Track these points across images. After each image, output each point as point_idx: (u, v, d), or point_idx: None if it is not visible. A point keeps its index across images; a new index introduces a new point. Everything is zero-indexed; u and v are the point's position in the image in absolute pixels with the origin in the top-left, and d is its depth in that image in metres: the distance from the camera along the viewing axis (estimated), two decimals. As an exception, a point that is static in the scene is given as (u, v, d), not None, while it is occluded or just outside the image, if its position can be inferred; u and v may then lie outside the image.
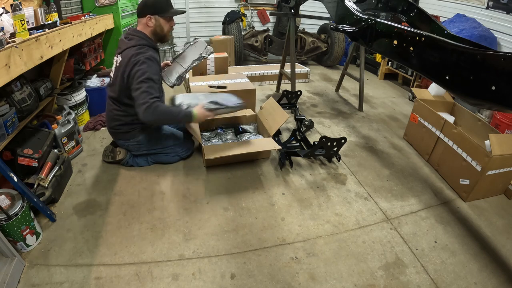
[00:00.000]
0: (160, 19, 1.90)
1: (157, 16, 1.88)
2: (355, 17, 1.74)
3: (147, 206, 1.80)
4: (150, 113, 1.73)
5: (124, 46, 1.89)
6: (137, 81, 1.77)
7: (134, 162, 2.14)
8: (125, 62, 1.82)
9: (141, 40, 1.88)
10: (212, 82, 2.75)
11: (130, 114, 1.97)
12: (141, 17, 1.90)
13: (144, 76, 1.77)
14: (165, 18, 1.92)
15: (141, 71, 1.77)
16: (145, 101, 1.73)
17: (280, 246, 1.57)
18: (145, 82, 1.76)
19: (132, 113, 1.97)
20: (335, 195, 1.96)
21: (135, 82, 1.77)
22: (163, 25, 1.93)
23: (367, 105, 3.39)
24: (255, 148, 2.12)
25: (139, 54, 1.81)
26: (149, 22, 1.89)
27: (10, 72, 1.43)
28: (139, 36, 1.89)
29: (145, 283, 1.35)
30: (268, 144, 2.14)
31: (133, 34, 1.91)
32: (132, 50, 1.83)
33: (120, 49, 1.92)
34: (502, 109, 1.21)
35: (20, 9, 1.60)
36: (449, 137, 2.08)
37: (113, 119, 2.01)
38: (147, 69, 1.78)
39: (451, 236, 1.67)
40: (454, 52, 1.08)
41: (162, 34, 1.96)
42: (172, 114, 1.83)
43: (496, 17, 3.13)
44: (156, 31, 1.93)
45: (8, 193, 1.46)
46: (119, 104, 1.96)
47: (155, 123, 1.99)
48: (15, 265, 1.32)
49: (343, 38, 4.52)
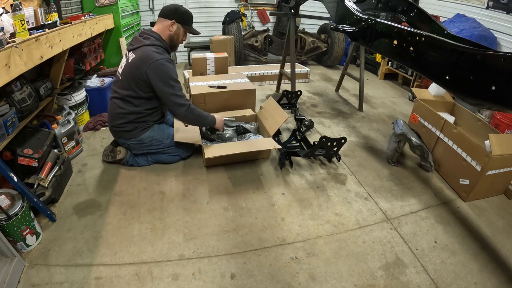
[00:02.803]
0: (181, 29, 2.00)
1: (180, 25, 1.97)
2: (355, 17, 1.74)
3: (147, 206, 1.80)
4: (189, 112, 1.95)
5: (138, 44, 1.91)
6: (167, 83, 1.87)
7: (134, 161, 2.14)
8: (142, 60, 1.85)
9: (157, 41, 1.92)
10: (212, 82, 2.74)
11: (134, 112, 1.98)
12: (166, 18, 1.94)
13: (171, 79, 1.88)
14: (185, 30, 2.02)
15: (166, 74, 1.86)
16: (183, 102, 1.93)
17: (280, 246, 1.57)
18: (174, 86, 1.90)
19: (136, 111, 1.99)
20: (335, 195, 1.96)
21: (164, 84, 1.87)
22: (180, 35, 2.02)
23: (367, 105, 3.39)
24: (255, 147, 2.12)
25: (159, 54, 1.87)
26: (171, 27, 1.95)
27: (10, 72, 1.43)
28: (155, 37, 1.93)
29: (145, 283, 1.35)
30: (268, 144, 2.14)
31: (149, 34, 1.94)
32: (149, 49, 1.87)
33: (132, 46, 1.95)
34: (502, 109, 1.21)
35: (20, 9, 1.60)
36: (449, 137, 2.08)
37: (117, 118, 2.01)
38: (171, 72, 1.89)
39: (451, 236, 1.67)
40: (454, 52, 1.08)
41: (176, 43, 2.04)
42: (204, 117, 2.08)
43: (496, 17, 3.13)
44: (173, 38, 2.00)
45: (8, 193, 1.46)
46: (125, 102, 1.97)
47: (192, 122, 2.14)
48: (15, 265, 1.32)
49: (343, 38, 4.52)
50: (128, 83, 1.92)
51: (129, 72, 1.91)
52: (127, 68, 1.92)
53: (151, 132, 2.08)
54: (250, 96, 2.66)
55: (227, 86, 2.65)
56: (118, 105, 1.99)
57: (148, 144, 2.09)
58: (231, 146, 2.12)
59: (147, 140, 2.08)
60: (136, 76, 1.88)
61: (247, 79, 2.85)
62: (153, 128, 2.09)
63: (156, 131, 2.10)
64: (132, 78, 1.90)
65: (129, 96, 1.95)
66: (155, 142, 2.10)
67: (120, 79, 1.98)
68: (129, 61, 1.92)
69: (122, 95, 1.96)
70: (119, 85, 1.98)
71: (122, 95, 1.96)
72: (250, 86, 2.70)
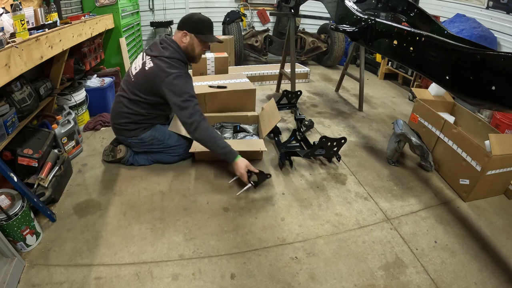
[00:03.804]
0: (195, 39, 1.88)
1: (193, 35, 1.86)
2: (355, 17, 1.74)
3: (147, 206, 1.80)
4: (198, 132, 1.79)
5: (157, 53, 1.85)
6: (182, 98, 1.78)
7: (135, 160, 2.14)
8: (157, 73, 1.81)
9: (176, 53, 1.86)
10: (212, 82, 2.75)
11: (140, 114, 1.98)
12: (179, 29, 1.88)
13: (188, 94, 1.79)
14: (200, 40, 1.89)
15: (182, 88, 1.79)
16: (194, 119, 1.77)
17: (280, 246, 1.57)
18: (191, 101, 1.79)
19: (142, 113, 1.98)
20: (335, 195, 1.96)
21: (176, 98, 1.78)
22: (196, 46, 1.90)
23: (367, 105, 3.39)
24: (243, 147, 2.12)
25: (176, 69, 1.81)
26: (183, 39, 1.87)
27: (10, 72, 1.43)
28: (175, 48, 1.86)
29: (145, 283, 1.35)
30: (255, 145, 2.15)
31: (169, 44, 1.87)
32: (167, 61, 1.82)
33: (151, 51, 1.88)
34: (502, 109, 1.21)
35: (20, 9, 1.60)
36: (449, 137, 2.08)
37: (121, 116, 2.00)
38: (187, 86, 1.82)
39: (451, 236, 1.67)
40: (454, 52, 1.08)
41: (192, 55, 1.94)
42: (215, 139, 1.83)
43: (496, 17, 3.13)
44: (188, 49, 1.90)
45: (8, 193, 1.46)
46: (132, 103, 1.95)
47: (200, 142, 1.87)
48: (15, 265, 1.32)
49: (343, 38, 4.52)
50: (140, 89, 1.90)
51: (144, 80, 1.87)
52: (142, 74, 1.88)
53: (153, 131, 2.08)
54: (250, 96, 2.66)
55: (227, 86, 2.65)
56: (124, 104, 1.97)
57: (149, 143, 2.09)
58: None
59: (148, 139, 2.07)
60: (151, 87, 1.86)
61: (247, 79, 2.85)
62: (155, 128, 2.09)
63: (158, 131, 2.10)
64: (145, 87, 1.88)
65: (138, 100, 1.93)
66: (156, 142, 2.09)
67: (132, 80, 1.94)
68: (146, 69, 1.85)
69: (130, 96, 1.94)
70: (129, 85, 1.95)
71: (131, 97, 1.94)
72: (250, 86, 2.70)
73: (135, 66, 1.97)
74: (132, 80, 1.94)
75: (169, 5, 4.79)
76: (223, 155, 1.87)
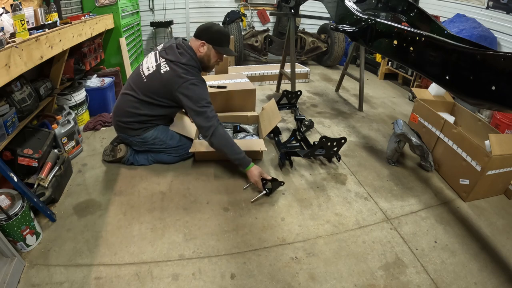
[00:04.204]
0: (212, 50, 1.91)
1: (211, 46, 1.89)
2: (355, 17, 1.74)
3: (147, 206, 1.80)
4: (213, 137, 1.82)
5: (173, 57, 1.85)
6: (200, 104, 1.81)
7: (135, 160, 2.14)
8: (174, 79, 1.81)
9: (192, 61, 1.87)
10: (212, 82, 2.75)
11: (146, 115, 1.98)
12: (197, 38, 1.89)
13: (205, 100, 1.83)
14: (217, 51, 1.93)
15: (199, 95, 1.82)
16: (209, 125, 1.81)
17: (280, 246, 1.57)
18: (204, 106, 1.82)
19: (149, 114, 1.98)
20: (335, 195, 1.96)
21: (193, 104, 1.81)
22: (212, 57, 1.94)
23: (367, 105, 3.39)
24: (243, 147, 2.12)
25: (193, 75, 1.84)
26: (201, 48, 1.89)
27: (10, 72, 1.43)
28: (191, 56, 1.88)
29: (145, 283, 1.35)
30: (255, 145, 2.15)
31: (186, 50, 1.88)
32: (183, 68, 1.83)
33: (167, 55, 1.87)
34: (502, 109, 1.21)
35: (20, 9, 1.60)
36: (449, 137, 2.08)
37: (126, 115, 1.98)
38: (204, 93, 1.84)
39: (451, 236, 1.67)
40: (454, 52, 1.08)
41: (207, 64, 1.97)
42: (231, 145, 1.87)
43: (496, 17, 3.13)
44: (203, 59, 1.93)
45: (8, 193, 1.46)
46: (141, 103, 1.94)
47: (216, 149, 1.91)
48: (15, 265, 1.32)
49: (343, 38, 4.52)
50: (154, 91, 1.89)
51: (158, 84, 1.87)
52: (157, 78, 1.86)
53: (155, 131, 2.08)
54: (250, 96, 2.66)
55: (227, 86, 2.65)
56: (133, 104, 1.95)
57: (151, 142, 2.08)
58: None
59: (151, 139, 2.07)
60: (167, 91, 1.86)
61: (247, 79, 2.86)
62: (157, 128, 2.09)
63: (160, 131, 2.10)
64: (159, 89, 1.87)
65: (149, 101, 1.93)
66: (158, 142, 2.09)
67: (145, 81, 1.91)
68: (161, 72, 1.84)
69: (141, 97, 1.92)
70: (140, 86, 1.92)
71: (141, 97, 1.92)
72: (250, 86, 2.70)
73: (147, 67, 1.94)
74: (144, 81, 1.92)
75: (169, 5, 4.79)
76: (238, 161, 1.90)
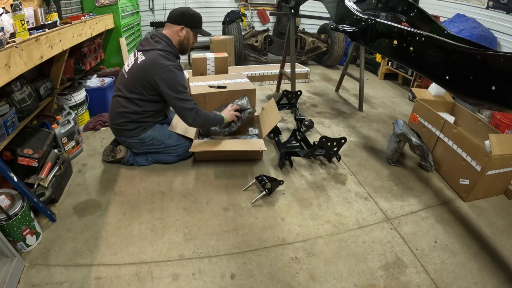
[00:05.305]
0: (191, 33, 2.00)
1: (189, 29, 1.98)
2: (355, 17, 1.74)
3: (147, 206, 1.80)
4: (197, 119, 1.95)
5: (149, 46, 1.91)
6: (175, 89, 1.87)
7: (135, 160, 2.15)
8: (151, 64, 1.85)
9: (168, 47, 1.93)
10: (212, 82, 2.74)
11: (137, 112, 1.98)
12: (174, 24, 1.94)
13: (180, 85, 1.88)
14: (195, 34, 2.03)
15: (175, 81, 1.87)
16: (190, 107, 1.92)
17: (280, 246, 1.57)
18: (184, 92, 1.90)
19: (139, 111, 1.99)
20: (335, 195, 1.96)
21: (171, 90, 1.87)
22: (190, 39, 2.02)
23: (367, 105, 3.39)
24: (242, 147, 2.12)
25: (169, 61, 1.88)
26: (180, 32, 1.96)
27: (10, 72, 1.43)
28: (167, 42, 1.94)
29: (145, 283, 1.35)
30: (255, 145, 2.15)
31: (161, 37, 1.93)
32: (159, 54, 1.87)
33: (143, 47, 1.94)
34: (502, 109, 1.21)
35: (20, 9, 1.60)
36: (449, 137, 2.08)
37: (119, 116, 2.00)
38: (180, 79, 1.90)
39: (451, 236, 1.67)
40: (454, 52, 1.08)
41: (186, 47, 2.05)
42: (211, 118, 2.07)
43: (496, 17, 3.13)
44: (183, 42, 2.00)
45: (8, 193, 1.46)
46: (129, 102, 1.96)
47: (200, 127, 2.20)
48: (15, 265, 1.32)
49: (343, 38, 4.52)
50: (134, 84, 1.92)
51: (137, 74, 1.90)
52: (135, 69, 1.91)
53: (152, 131, 2.08)
54: (250, 96, 2.66)
55: (227, 86, 2.65)
56: (121, 104, 1.98)
57: (149, 143, 2.09)
58: (218, 144, 2.12)
59: (148, 139, 2.08)
60: (144, 79, 1.88)
61: (247, 79, 2.85)
62: (154, 128, 2.09)
63: (157, 131, 2.10)
64: (139, 80, 1.90)
65: (133, 97, 1.94)
66: (156, 142, 2.10)
67: (126, 77, 1.96)
68: (138, 63, 1.90)
69: (126, 95, 1.95)
70: (124, 83, 1.97)
71: (127, 95, 1.95)
72: (250, 86, 2.70)
73: (127, 64, 2.02)
74: (126, 78, 1.97)
75: (169, 5, 4.79)
76: (220, 123, 2.14)
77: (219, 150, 2.08)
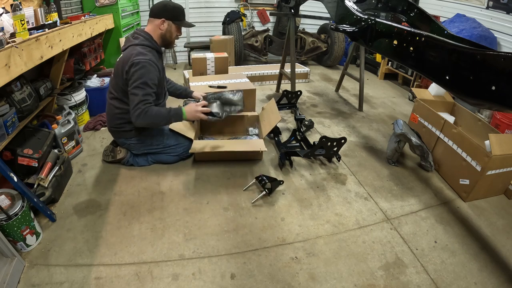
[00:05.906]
0: (173, 26, 1.96)
1: (171, 22, 1.94)
2: (355, 17, 1.74)
3: (147, 206, 1.80)
4: (141, 118, 1.81)
5: (128, 43, 1.93)
6: (133, 85, 1.81)
7: (134, 161, 2.14)
8: (126, 59, 1.84)
9: (146, 41, 1.91)
10: (212, 82, 2.75)
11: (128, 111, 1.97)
12: (155, 18, 1.92)
13: (140, 80, 1.80)
14: (177, 26, 1.98)
15: (138, 75, 1.80)
16: (137, 107, 1.80)
17: (280, 246, 1.57)
18: (141, 88, 1.81)
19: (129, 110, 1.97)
20: (335, 195, 1.96)
21: (132, 86, 1.82)
22: (173, 32, 1.98)
23: (367, 105, 3.39)
24: (243, 147, 2.12)
25: (139, 55, 1.82)
26: (161, 26, 1.93)
27: (10, 72, 1.43)
28: (144, 36, 1.93)
29: (145, 283, 1.35)
30: (255, 145, 2.15)
31: (139, 33, 1.94)
32: (135, 48, 1.86)
33: (124, 46, 1.96)
34: (502, 109, 1.21)
35: (20, 9, 1.60)
36: (449, 137, 2.08)
37: (115, 118, 2.01)
38: (144, 74, 1.81)
39: (451, 236, 1.67)
40: (454, 52, 1.08)
41: (170, 40, 2.01)
42: (162, 115, 1.87)
43: (496, 17, 3.13)
44: (166, 36, 1.97)
45: (8, 193, 1.46)
46: (120, 102, 1.96)
47: (148, 126, 1.99)
48: (15, 265, 1.32)
49: (343, 38, 4.52)
50: (117, 82, 1.92)
51: (117, 71, 1.91)
52: (116, 67, 1.93)
53: (151, 131, 2.08)
54: (250, 96, 2.66)
55: (227, 86, 2.65)
56: (114, 105, 1.99)
57: (148, 143, 2.09)
58: (218, 144, 2.12)
59: (147, 140, 2.08)
60: (121, 75, 1.87)
61: (247, 79, 2.85)
62: (152, 128, 2.09)
63: (156, 131, 2.10)
64: (121, 77, 1.89)
65: (122, 96, 1.94)
66: (155, 142, 2.10)
67: (112, 77, 1.98)
68: (117, 61, 1.93)
69: (116, 95, 1.96)
70: (112, 84, 1.99)
71: (116, 95, 1.96)
72: (250, 86, 2.70)
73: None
74: (113, 78, 1.98)
75: (169, 5, 4.78)
76: (174, 118, 1.92)
77: (219, 151, 2.08)
